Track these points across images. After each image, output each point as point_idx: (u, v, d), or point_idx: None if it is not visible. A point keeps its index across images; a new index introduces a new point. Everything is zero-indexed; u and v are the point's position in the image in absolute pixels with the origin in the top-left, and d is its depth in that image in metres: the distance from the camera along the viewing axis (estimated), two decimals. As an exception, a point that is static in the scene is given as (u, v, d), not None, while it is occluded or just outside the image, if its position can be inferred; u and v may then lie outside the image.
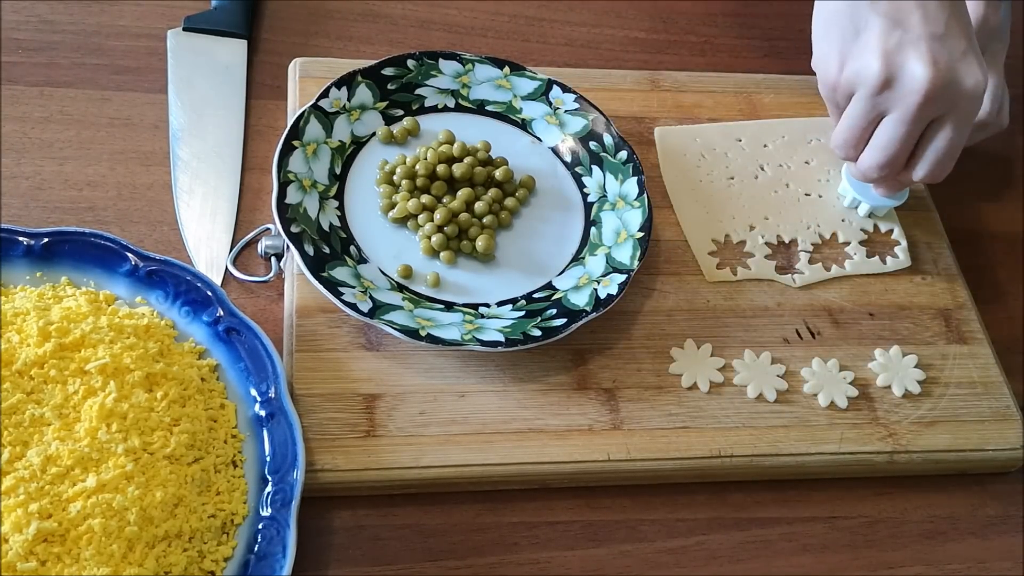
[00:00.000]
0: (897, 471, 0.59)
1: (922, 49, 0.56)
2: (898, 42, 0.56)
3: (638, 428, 0.57)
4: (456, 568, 0.53)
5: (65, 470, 0.48)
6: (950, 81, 0.56)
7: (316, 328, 0.58)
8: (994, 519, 0.59)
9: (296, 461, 0.51)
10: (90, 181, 0.63)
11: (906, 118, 0.58)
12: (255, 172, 0.66)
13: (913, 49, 0.56)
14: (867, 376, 0.62)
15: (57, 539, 0.46)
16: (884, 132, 0.59)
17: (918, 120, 0.57)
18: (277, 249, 0.60)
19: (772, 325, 0.63)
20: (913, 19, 0.56)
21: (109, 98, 0.67)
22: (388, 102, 0.67)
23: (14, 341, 0.51)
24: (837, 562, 0.56)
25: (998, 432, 0.60)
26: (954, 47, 0.56)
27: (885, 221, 0.68)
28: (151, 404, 0.51)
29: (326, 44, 0.74)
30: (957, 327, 0.65)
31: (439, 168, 0.63)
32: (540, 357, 0.59)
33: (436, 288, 0.60)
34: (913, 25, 0.56)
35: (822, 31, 0.60)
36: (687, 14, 0.82)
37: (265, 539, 0.50)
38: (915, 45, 0.56)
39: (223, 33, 0.71)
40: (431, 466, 0.54)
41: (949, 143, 0.58)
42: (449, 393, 0.57)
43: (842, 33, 0.59)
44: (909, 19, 0.56)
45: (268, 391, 0.54)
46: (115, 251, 0.57)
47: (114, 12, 0.72)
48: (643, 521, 0.56)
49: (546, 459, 0.55)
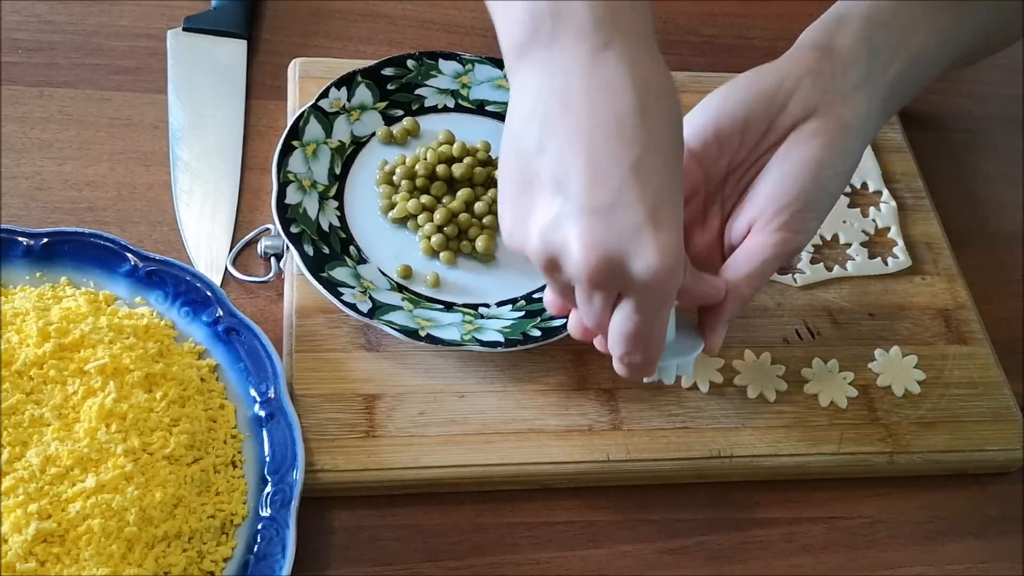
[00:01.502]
0: (897, 471, 0.59)
1: (580, 226, 0.42)
2: (557, 214, 0.42)
3: (638, 428, 0.57)
4: (456, 568, 0.53)
5: (64, 470, 0.48)
6: (611, 264, 0.42)
7: (316, 328, 0.58)
8: (994, 519, 0.59)
9: (296, 461, 0.51)
10: (90, 181, 0.63)
11: (581, 296, 0.45)
12: (255, 172, 0.66)
13: (572, 224, 0.42)
14: (867, 376, 0.61)
15: (56, 539, 0.46)
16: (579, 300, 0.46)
17: (595, 298, 0.45)
18: (277, 249, 0.60)
19: (772, 325, 0.63)
20: (575, 185, 0.41)
21: (109, 98, 0.67)
22: (388, 102, 0.67)
23: (14, 341, 0.51)
24: (837, 562, 0.56)
25: (998, 432, 0.60)
26: (624, 222, 0.41)
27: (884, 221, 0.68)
28: (151, 404, 0.51)
29: (326, 44, 0.73)
30: (957, 327, 0.65)
31: (439, 168, 0.63)
32: (540, 357, 0.59)
33: (436, 288, 0.60)
34: (574, 193, 0.41)
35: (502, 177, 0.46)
36: (687, 14, 0.82)
37: (265, 539, 0.50)
38: (574, 219, 0.42)
39: (223, 33, 0.71)
40: (431, 466, 0.54)
41: (635, 326, 0.45)
42: (449, 393, 0.57)
43: (513, 185, 0.45)
44: (571, 184, 0.42)
45: (268, 391, 0.54)
46: (115, 251, 0.57)
47: (114, 12, 0.72)
48: (643, 521, 0.56)
49: (546, 459, 0.55)
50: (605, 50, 0.42)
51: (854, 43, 0.50)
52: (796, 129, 0.49)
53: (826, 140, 0.49)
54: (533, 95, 0.43)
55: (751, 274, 0.49)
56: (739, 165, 0.51)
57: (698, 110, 0.51)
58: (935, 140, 0.77)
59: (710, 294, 0.49)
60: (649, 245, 0.42)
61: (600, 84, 0.42)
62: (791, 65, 0.50)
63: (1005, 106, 0.82)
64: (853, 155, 0.50)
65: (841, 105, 0.49)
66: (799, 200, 0.49)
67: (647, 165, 0.42)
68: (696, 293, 0.48)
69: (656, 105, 0.42)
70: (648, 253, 0.42)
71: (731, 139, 0.50)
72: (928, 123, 0.78)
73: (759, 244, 0.50)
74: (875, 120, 0.51)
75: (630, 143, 0.41)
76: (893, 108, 0.53)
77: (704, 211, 0.52)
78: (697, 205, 0.52)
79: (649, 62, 0.43)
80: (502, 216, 0.46)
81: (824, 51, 0.50)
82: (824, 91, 0.49)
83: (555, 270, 0.44)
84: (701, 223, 0.52)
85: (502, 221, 0.46)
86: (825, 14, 0.52)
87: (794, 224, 0.49)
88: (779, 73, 0.50)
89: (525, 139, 0.43)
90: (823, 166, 0.49)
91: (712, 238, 0.52)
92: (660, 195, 0.42)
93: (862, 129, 0.50)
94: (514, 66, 0.44)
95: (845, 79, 0.49)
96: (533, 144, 0.43)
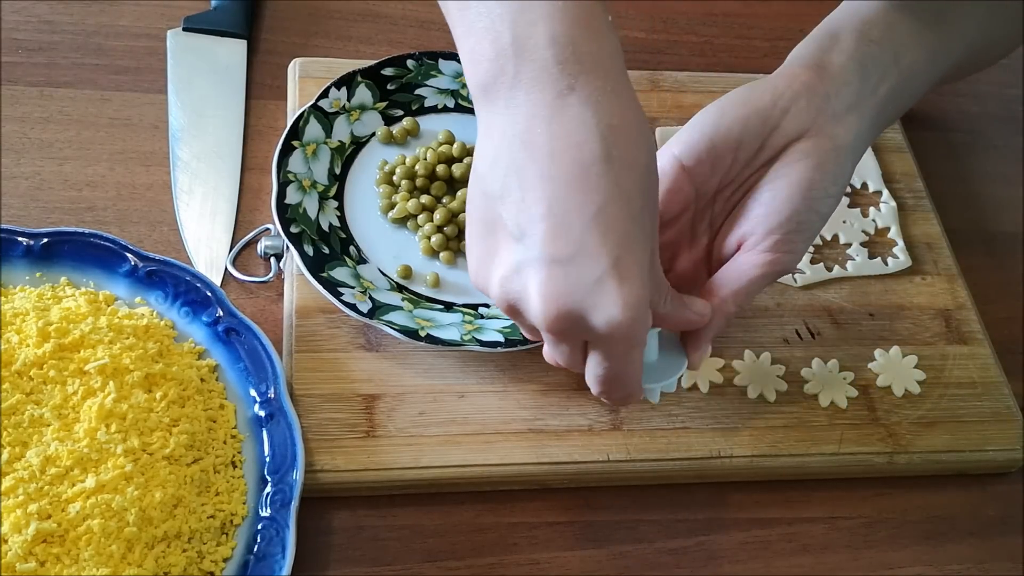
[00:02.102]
0: (897, 471, 0.59)
1: (539, 276, 0.41)
2: (518, 262, 0.42)
3: (638, 428, 0.57)
4: (456, 568, 0.53)
5: (64, 471, 0.48)
6: (570, 317, 0.41)
7: (316, 328, 0.58)
8: (994, 519, 0.59)
9: (295, 461, 0.51)
10: (90, 181, 0.63)
11: (547, 341, 0.45)
12: (255, 172, 0.66)
13: (532, 273, 0.41)
14: (867, 376, 0.61)
15: (56, 540, 0.46)
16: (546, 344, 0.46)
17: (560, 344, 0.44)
18: (277, 249, 0.60)
19: (772, 325, 0.63)
20: (536, 234, 0.41)
21: (109, 98, 0.67)
22: (388, 102, 0.67)
23: (13, 341, 0.51)
24: (837, 562, 0.56)
25: (998, 432, 0.60)
26: (584, 274, 0.40)
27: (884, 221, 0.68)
28: (150, 404, 0.51)
29: (326, 44, 0.73)
30: (957, 327, 0.65)
31: (439, 168, 0.63)
32: (540, 357, 0.58)
33: (436, 288, 0.60)
34: (535, 242, 0.41)
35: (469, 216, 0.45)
36: (687, 14, 0.82)
37: (264, 539, 0.50)
38: (534, 269, 0.41)
39: (223, 33, 0.71)
40: (431, 466, 0.54)
41: (605, 371, 0.44)
42: (449, 393, 0.57)
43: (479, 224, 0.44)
44: (532, 232, 0.41)
45: (267, 391, 0.54)
46: (115, 251, 0.57)
47: (114, 12, 0.72)
48: (643, 521, 0.56)
49: (546, 459, 0.55)
50: (569, 94, 0.41)
51: (847, 61, 0.50)
52: (788, 149, 0.49)
53: (818, 161, 0.49)
54: (498, 137, 0.42)
55: (738, 291, 0.49)
56: (730, 183, 0.50)
57: (692, 126, 0.50)
58: (935, 140, 0.77)
59: (694, 321, 0.48)
60: (610, 297, 0.41)
61: (563, 131, 0.41)
62: (785, 83, 0.50)
63: (1005, 106, 0.82)
64: (843, 176, 0.50)
65: (834, 126, 0.49)
66: (791, 221, 0.49)
67: (610, 215, 0.41)
68: (678, 320, 0.48)
69: (623, 151, 0.41)
70: (609, 306, 0.41)
71: (725, 157, 0.49)
72: (928, 123, 0.78)
73: (748, 263, 0.49)
74: (865, 139, 0.51)
75: (593, 192, 0.40)
76: (883, 125, 0.53)
77: (692, 228, 0.52)
78: (686, 222, 0.51)
79: (616, 103, 0.42)
80: (469, 254, 0.45)
81: (817, 70, 0.50)
82: (818, 112, 0.49)
83: (517, 316, 0.44)
84: (689, 240, 0.52)
85: (469, 259, 0.45)
86: (816, 29, 0.52)
87: (784, 245, 0.49)
88: (773, 91, 0.49)
89: (489, 182, 0.42)
90: (815, 187, 0.49)
91: (700, 255, 0.52)
92: (624, 245, 0.41)
93: (853, 149, 0.50)
94: (480, 105, 0.43)
95: (839, 100, 0.49)
96: (497, 188, 0.42)
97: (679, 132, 0.50)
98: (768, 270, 0.49)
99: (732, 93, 0.50)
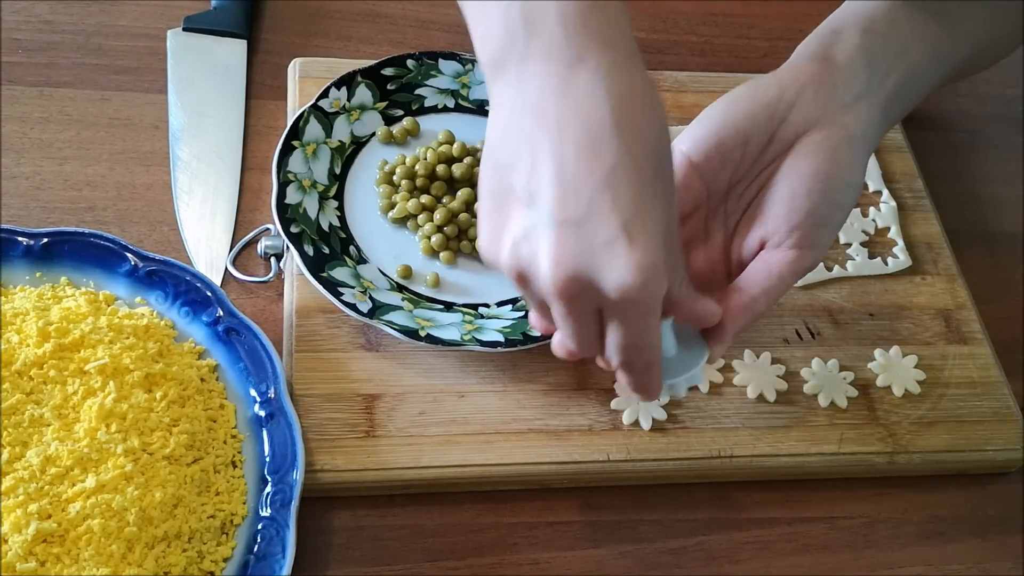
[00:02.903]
0: (897, 471, 0.59)
1: (550, 239, 0.41)
2: (528, 227, 0.42)
3: (638, 428, 0.57)
4: (456, 568, 0.53)
5: (64, 470, 0.48)
6: (580, 279, 0.41)
7: (316, 328, 0.58)
8: (994, 519, 0.59)
9: (296, 461, 0.51)
10: (90, 181, 0.63)
11: (556, 313, 0.44)
12: (255, 172, 0.66)
13: (542, 236, 0.41)
14: (867, 376, 0.61)
15: (56, 539, 0.46)
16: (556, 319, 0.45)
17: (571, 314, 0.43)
18: (277, 249, 0.60)
19: (772, 325, 0.63)
20: (546, 198, 0.41)
21: (109, 98, 0.67)
22: (388, 102, 0.67)
23: (14, 341, 0.51)
24: (837, 562, 0.56)
25: (998, 432, 0.60)
26: (594, 236, 0.40)
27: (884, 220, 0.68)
28: (150, 404, 0.51)
29: (326, 44, 0.73)
30: (957, 327, 0.65)
31: (439, 168, 0.63)
32: (540, 357, 0.59)
33: (436, 288, 0.60)
34: (544, 206, 0.41)
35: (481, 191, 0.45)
36: (687, 14, 0.82)
37: (265, 539, 0.50)
38: (544, 232, 0.41)
39: (223, 33, 0.71)
40: (431, 466, 0.54)
41: (624, 338, 0.44)
42: (449, 393, 0.57)
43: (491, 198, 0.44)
44: (542, 196, 0.41)
45: (268, 391, 0.54)
46: (115, 251, 0.57)
47: (114, 12, 0.72)
48: (643, 521, 0.56)
49: (546, 459, 0.55)
50: (579, 64, 0.41)
51: (852, 54, 0.50)
52: (799, 141, 0.49)
53: (831, 151, 0.49)
54: (508, 109, 0.43)
55: (768, 289, 0.49)
56: (742, 179, 0.50)
57: (699, 123, 0.50)
58: (935, 140, 0.77)
59: (703, 317, 0.48)
60: (621, 260, 0.40)
61: (573, 101, 0.41)
62: (791, 76, 0.49)
63: (1005, 106, 0.82)
64: (859, 165, 0.50)
65: (844, 115, 0.49)
66: (813, 215, 0.49)
67: (620, 179, 0.40)
68: (690, 311, 0.48)
69: (633, 118, 0.41)
70: (619, 268, 0.40)
71: (733, 152, 0.49)
72: (928, 123, 0.78)
73: (775, 260, 0.49)
74: (876, 130, 0.51)
75: (603, 157, 0.41)
76: (892, 120, 0.53)
77: (706, 226, 0.52)
78: (699, 220, 0.51)
79: (626, 73, 0.42)
80: (480, 230, 0.45)
81: (823, 62, 0.50)
82: (826, 102, 0.49)
83: (526, 285, 0.44)
84: (703, 238, 0.52)
85: (479, 235, 0.45)
86: (820, 27, 0.52)
87: (808, 240, 0.49)
88: (779, 85, 0.49)
89: (500, 152, 0.43)
90: (832, 178, 0.49)
91: (715, 254, 0.52)
92: (635, 209, 0.40)
93: (865, 138, 0.50)
94: (491, 80, 0.44)
95: (846, 90, 0.49)
96: (507, 157, 0.42)
97: (686, 129, 0.50)
98: (796, 266, 0.49)
99: (738, 88, 0.50)
